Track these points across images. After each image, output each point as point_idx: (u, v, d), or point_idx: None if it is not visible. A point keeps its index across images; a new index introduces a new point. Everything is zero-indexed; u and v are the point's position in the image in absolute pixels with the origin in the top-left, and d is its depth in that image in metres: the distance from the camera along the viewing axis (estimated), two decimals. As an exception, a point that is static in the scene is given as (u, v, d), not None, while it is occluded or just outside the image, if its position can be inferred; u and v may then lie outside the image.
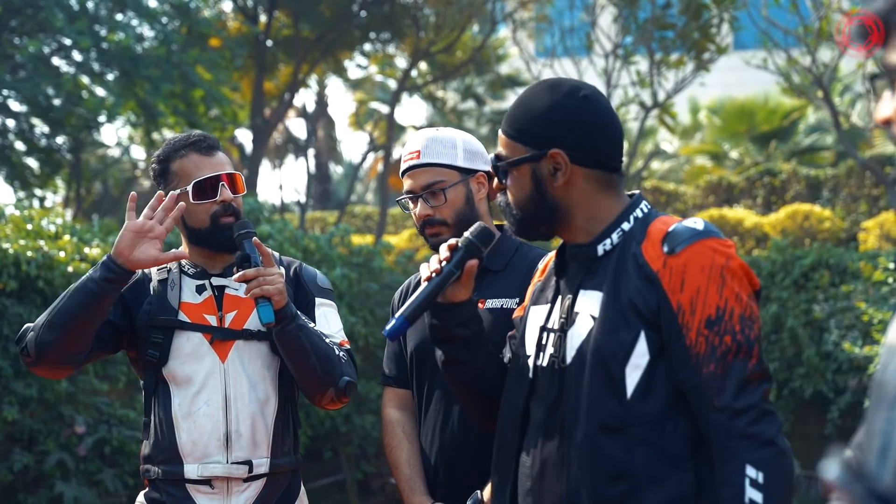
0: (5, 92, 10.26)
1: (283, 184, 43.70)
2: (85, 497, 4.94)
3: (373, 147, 16.95)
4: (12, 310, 4.65)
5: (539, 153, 1.82)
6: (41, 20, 10.11)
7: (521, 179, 1.84)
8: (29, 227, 5.22)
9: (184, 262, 2.62)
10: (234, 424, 2.51)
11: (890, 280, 6.27)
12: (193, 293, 2.59)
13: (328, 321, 2.62)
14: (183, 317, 2.55)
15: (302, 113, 21.17)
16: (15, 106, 10.86)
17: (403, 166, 2.48)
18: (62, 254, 4.98)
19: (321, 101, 21.35)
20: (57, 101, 10.42)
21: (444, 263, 1.91)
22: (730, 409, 1.67)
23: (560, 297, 1.85)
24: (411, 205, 2.46)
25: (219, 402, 2.52)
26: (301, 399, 2.66)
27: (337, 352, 2.54)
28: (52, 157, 12.10)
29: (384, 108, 17.93)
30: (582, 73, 9.82)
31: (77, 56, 10.75)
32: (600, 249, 1.82)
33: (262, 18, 13.38)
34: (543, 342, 1.84)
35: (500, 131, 1.90)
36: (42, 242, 4.98)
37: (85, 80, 10.79)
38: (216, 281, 2.59)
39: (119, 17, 10.97)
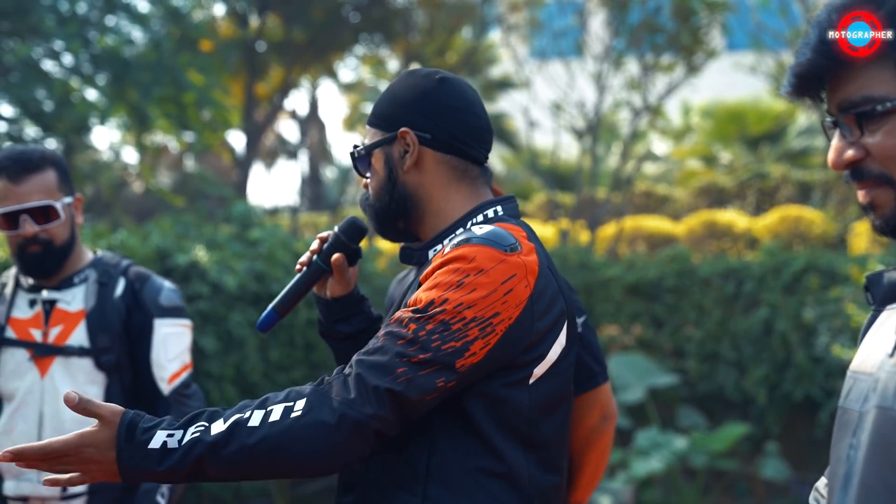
0: (-4, 95, 10.22)
1: (274, 187, 43.62)
2: None
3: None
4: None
5: (390, 135, 1.72)
6: (31, 23, 10.08)
7: (378, 167, 1.74)
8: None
9: (21, 276, 2.59)
10: None
11: (879, 284, 6.28)
12: (25, 308, 2.56)
13: (166, 347, 2.55)
14: (9, 332, 2.53)
15: (294, 116, 21.15)
16: (6, 110, 10.82)
17: None
18: None
19: (313, 104, 21.33)
20: (48, 105, 10.39)
21: (313, 257, 1.83)
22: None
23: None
24: None
25: (34, 418, 2.49)
26: None
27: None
28: (42, 161, 12.05)
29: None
30: (573, 76, 9.83)
31: (68, 59, 10.72)
32: (430, 254, 1.72)
33: (254, 22, 13.36)
34: None
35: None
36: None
37: (75, 83, 10.76)
38: (47, 294, 2.55)
39: (110, 20, 10.94)
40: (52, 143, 11.91)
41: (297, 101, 22.84)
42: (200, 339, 5.47)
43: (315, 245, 1.83)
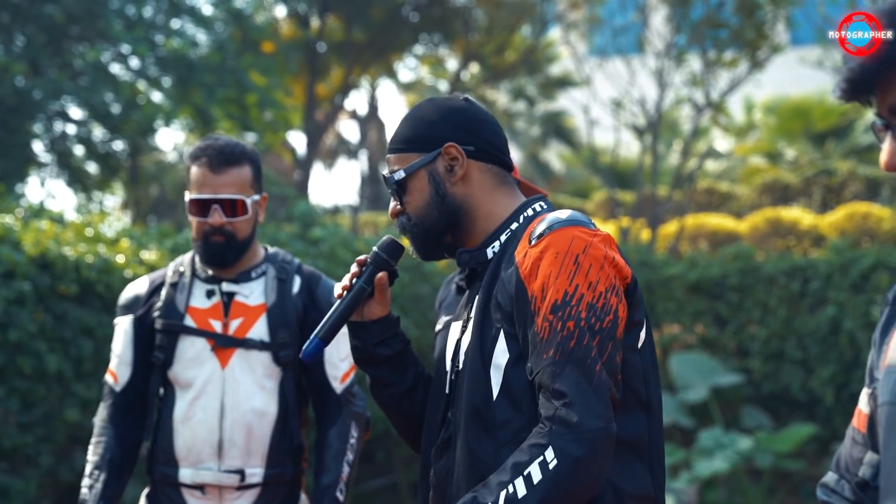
0: (66, 99, 10.48)
1: (335, 186, 43.99)
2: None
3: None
4: (73, 314, 4.76)
5: (433, 153, 1.79)
6: (100, 28, 10.32)
7: (419, 186, 1.80)
8: (88, 232, 5.33)
9: (198, 266, 2.61)
10: (229, 432, 2.50)
11: (952, 282, 6.14)
12: (203, 298, 2.58)
13: (339, 347, 2.57)
14: (189, 321, 2.55)
15: (354, 115, 21.30)
16: (75, 112, 11.10)
17: None
18: (120, 258, 5.08)
19: (373, 104, 21.46)
20: (115, 107, 10.63)
21: (353, 280, 1.84)
22: (559, 394, 1.57)
23: (467, 308, 1.80)
24: None
25: (215, 408, 2.51)
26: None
27: (341, 391, 2.59)
28: (110, 162, 12.33)
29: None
30: (634, 73, 9.75)
31: (134, 63, 10.96)
32: (489, 253, 1.77)
33: (314, 23, 13.50)
34: (454, 355, 1.79)
35: (387, 157, 1.86)
36: (101, 247, 5.09)
37: (142, 86, 10.99)
38: (226, 287, 2.57)
39: (175, 24, 11.15)
40: (118, 145, 12.19)
41: (357, 100, 23.05)
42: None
43: (355, 269, 1.84)
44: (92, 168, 12.46)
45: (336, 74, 14.65)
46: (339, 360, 2.60)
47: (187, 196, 2.55)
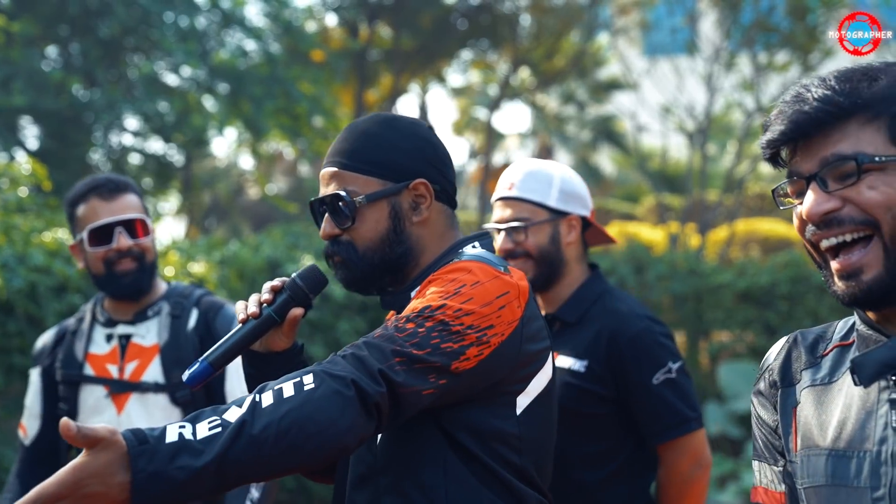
0: (122, 109, 10.72)
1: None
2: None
3: (473, 154, 17.03)
4: (123, 326, 4.88)
5: (400, 185, 1.64)
6: (154, 39, 10.53)
7: (377, 217, 1.64)
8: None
9: (98, 310, 2.55)
10: None
11: None
12: (103, 342, 2.51)
13: (241, 378, 2.30)
14: (87, 369, 2.48)
15: (404, 121, 21.42)
16: (130, 123, 11.34)
17: (496, 195, 2.39)
18: (169, 270, 5.18)
19: (422, 109, 21.56)
20: (169, 117, 10.85)
21: (264, 306, 1.63)
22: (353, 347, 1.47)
23: None
24: (495, 234, 2.36)
25: None
26: None
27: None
28: (165, 170, 12.58)
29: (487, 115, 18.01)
30: (682, 77, 9.68)
31: (187, 72, 11.16)
32: (412, 295, 1.65)
33: (363, 31, 13.62)
34: None
35: (329, 169, 1.68)
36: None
37: (194, 96, 11.19)
38: (122, 329, 2.50)
39: (226, 34, 11.33)
40: (173, 154, 12.43)
41: (406, 106, 23.17)
42: (310, 348, 5.61)
43: (267, 296, 1.63)
44: (147, 176, 12.73)
45: (385, 81, 14.76)
46: (241, 392, 2.42)
47: (84, 232, 2.44)
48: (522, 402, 1.58)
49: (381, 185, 1.64)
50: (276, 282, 1.65)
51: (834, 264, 1.23)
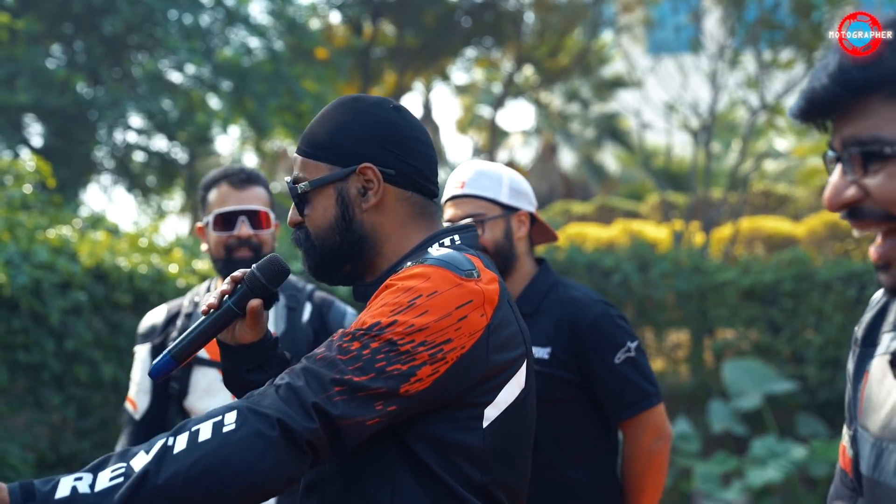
0: (126, 107, 10.73)
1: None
2: None
3: (476, 152, 17.03)
4: (127, 323, 4.88)
5: (346, 170, 1.55)
6: (158, 37, 10.54)
7: (325, 204, 1.57)
8: (142, 242, 5.46)
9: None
10: None
11: None
12: None
13: None
14: (202, 352, 2.51)
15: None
16: (135, 121, 11.35)
17: (446, 195, 2.44)
18: (173, 268, 5.19)
19: (426, 107, 21.55)
20: (173, 115, 10.86)
21: (224, 298, 1.59)
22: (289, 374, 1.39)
23: None
24: None
25: None
26: None
27: None
28: (168, 168, 12.59)
29: (491, 113, 18.00)
30: (686, 75, 9.66)
31: (191, 70, 11.17)
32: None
33: (367, 28, 13.61)
34: None
35: (295, 153, 1.63)
36: (154, 257, 5.21)
37: (198, 93, 11.19)
38: None
39: (230, 32, 11.34)
40: (177, 151, 12.43)
41: (410, 104, 23.16)
42: (314, 344, 5.63)
43: (227, 286, 1.59)
44: (151, 173, 12.73)
45: (389, 79, 14.76)
46: None
47: (210, 216, 2.53)
48: (490, 413, 1.48)
49: (329, 170, 1.56)
50: (238, 273, 1.60)
51: (871, 252, 1.13)
